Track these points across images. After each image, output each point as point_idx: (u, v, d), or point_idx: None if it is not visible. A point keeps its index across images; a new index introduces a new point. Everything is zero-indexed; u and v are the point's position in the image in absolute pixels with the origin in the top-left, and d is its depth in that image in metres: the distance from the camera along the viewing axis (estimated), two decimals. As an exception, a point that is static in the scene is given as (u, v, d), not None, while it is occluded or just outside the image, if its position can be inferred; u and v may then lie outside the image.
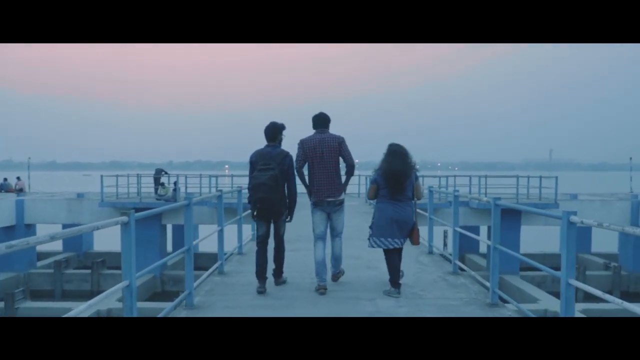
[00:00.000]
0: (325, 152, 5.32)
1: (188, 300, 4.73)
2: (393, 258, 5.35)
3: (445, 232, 21.62)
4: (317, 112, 5.53)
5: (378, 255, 6.29)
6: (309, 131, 5.52)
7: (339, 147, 5.35)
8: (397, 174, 5.22)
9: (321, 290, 5.33)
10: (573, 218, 3.33)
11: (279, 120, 5.52)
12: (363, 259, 7.19)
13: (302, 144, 5.42)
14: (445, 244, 21.43)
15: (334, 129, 5.50)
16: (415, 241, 5.44)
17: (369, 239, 5.47)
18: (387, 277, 5.43)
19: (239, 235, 7.98)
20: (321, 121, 5.44)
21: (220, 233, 6.62)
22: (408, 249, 8.06)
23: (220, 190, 6.68)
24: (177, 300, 4.61)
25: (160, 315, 4.05)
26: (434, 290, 5.54)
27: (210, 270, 6.12)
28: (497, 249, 4.80)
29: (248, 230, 9.87)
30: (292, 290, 5.53)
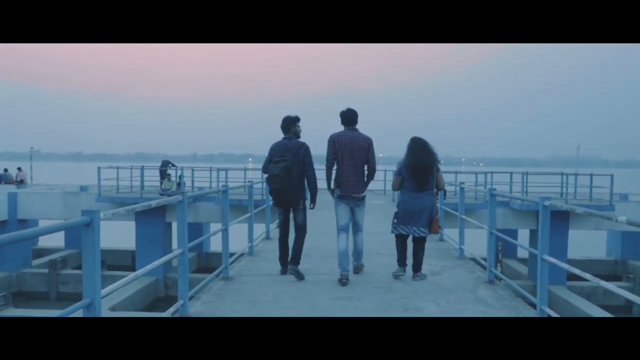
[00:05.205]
0: (355, 150, 5.45)
1: (182, 311, 4.48)
2: (404, 243, 5.80)
3: (499, 247, 18.61)
4: (344, 108, 5.55)
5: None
6: (332, 122, 5.69)
7: (368, 148, 5.49)
8: (420, 167, 5.52)
9: (343, 280, 5.43)
10: None
11: (301, 114, 5.70)
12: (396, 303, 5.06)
13: (333, 140, 5.50)
14: (499, 262, 18.71)
15: (359, 122, 5.61)
16: (433, 229, 5.68)
17: (392, 226, 5.81)
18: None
19: (249, 235, 7.34)
20: (350, 118, 5.52)
21: (225, 233, 5.88)
22: (458, 271, 6.00)
23: (226, 186, 6.18)
24: (172, 308, 4.40)
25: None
26: None
27: (211, 275, 5.53)
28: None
29: (261, 228, 9.03)
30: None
